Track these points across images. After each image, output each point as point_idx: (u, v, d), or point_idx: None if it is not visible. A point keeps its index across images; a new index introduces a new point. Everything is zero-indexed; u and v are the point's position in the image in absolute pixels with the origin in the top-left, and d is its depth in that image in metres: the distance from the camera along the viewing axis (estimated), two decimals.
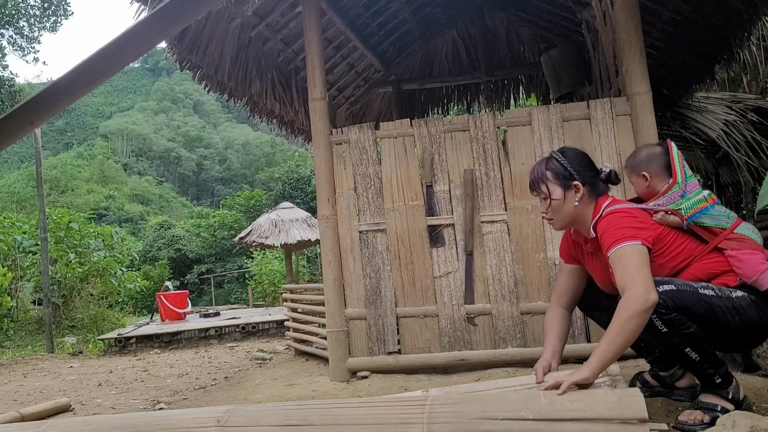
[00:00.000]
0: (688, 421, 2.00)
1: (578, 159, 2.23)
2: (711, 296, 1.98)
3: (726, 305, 1.97)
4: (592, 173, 2.21)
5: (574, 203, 2.17)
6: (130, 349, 8.50)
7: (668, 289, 1.95)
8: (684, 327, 1.94)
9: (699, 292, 1.98)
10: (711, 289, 2.00)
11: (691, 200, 2.13)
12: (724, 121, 5.51)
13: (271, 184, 33.93)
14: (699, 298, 1.96)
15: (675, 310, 1.93)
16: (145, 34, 1.18)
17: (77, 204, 35.53)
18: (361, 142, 3.93)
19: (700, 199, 2.13)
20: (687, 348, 1.98)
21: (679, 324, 1.94)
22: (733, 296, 2.00)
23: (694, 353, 1.99)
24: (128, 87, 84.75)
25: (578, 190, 2.16)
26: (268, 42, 4.88)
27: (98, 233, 13.45)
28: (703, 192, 2.18)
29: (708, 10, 4.25)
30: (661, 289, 1.94)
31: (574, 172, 2.18)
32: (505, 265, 3.67)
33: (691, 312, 1.95)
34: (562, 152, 2.25)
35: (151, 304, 14.23)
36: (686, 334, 1.95)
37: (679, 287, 1.98)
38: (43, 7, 21.39)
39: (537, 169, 2.26)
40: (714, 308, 1.96)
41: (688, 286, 2.00)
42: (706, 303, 1.96)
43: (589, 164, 2.24)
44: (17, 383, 5.74)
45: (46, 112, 1.21)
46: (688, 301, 1.94)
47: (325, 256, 3.90)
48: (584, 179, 2.18)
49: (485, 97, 7.25)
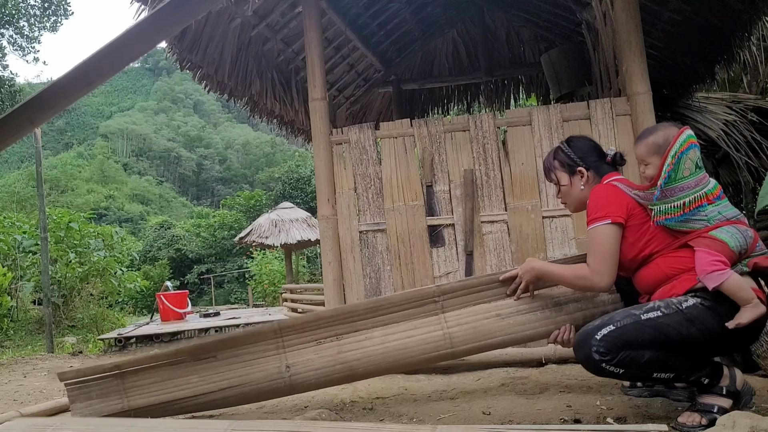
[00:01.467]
0: (687, 423, 2.02)
1: (582, 146, 2.41)
2: (656, 317, 2.01)
3: (675, 320, 1.99)
4: (596, 158, 2.38)
5: (580, 187, 2.37)
6: (130, 349, 8.50)
7: (607, 332, 2.01)
8: (638, 359, 1.99)
9: (641, 319, 2.01)
10: (657, 310, 2.02)
11: (669, 205, 2.10)
12: (724, 121, 5.52)
13: (271, 184, 33.95)
14: (642, 326, 2.00)
15: (620, 350, 1.99)
16: (145, 34, 1.18)
17: (77, 204, 35.53)
18: (361, 142, 3.93)
19: (676, 206, 2.09)
20: (654, 374, 2.03)
21: (632, 359, 1.99)
22: (683, 308, 2.01)
23: (664, 374, 2.03)
24: (128, 87, 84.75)
25: (582, 175, 2.36)
26: (268, 42, 4.88)
27: (98, 233, 13.44)
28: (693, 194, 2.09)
29: (708, 10, 4.25)
30: (599, 335, 2.01)
31: (578, 159, 2.37)
32: (505, 265, 3.67)
33: (637, 343, 1.99)
34: (569, 141, 2.46)
35: (151, 304, 14.24)
36: (644, 363, 2.00)
37: (617, 324, 2.02)
38: (43, 7, 21.40)
39: (547, 158, 2.49)
40: (662, 328, 1.99)
41: (630, 317, 2.03)
42: (652, 327, 1.99)
43: (593, 150, 2.41)
44: (17, 383, 5.73)
45: (46, 112, 1.21)
46: (630, 336, 1.99)
47: (325, 256, 3.90)
48: (588, 164, 2.36)
49: (485, 97, 7.26)
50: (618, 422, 2.21)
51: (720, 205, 2.13)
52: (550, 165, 2.47)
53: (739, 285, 1.97)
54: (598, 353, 1.99)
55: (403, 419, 2.63)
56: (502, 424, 2.37)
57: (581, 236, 3.58)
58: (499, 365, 3.57)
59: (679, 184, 2.11)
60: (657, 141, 2.19)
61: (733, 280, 1.97)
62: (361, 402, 3.02)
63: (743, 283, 1.98)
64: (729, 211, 2.12)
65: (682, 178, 2.11)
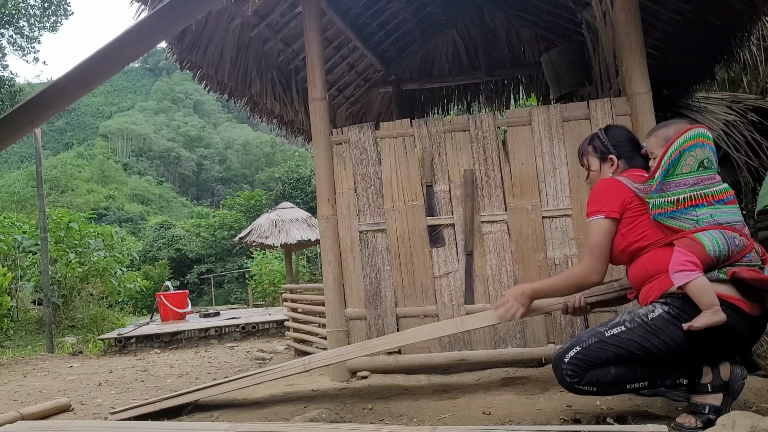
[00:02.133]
0: (684, 425, 2.05)
1: (618, 135, 2.48)
2: (619, 333, 2.07)
3: (638, 334, 2.05)
4: (630, 148, 2.42)
5: (609, 174, 2.41)
6: (130, 349, 8.50)
7: (573, 355, 2.09)
8: (605, 376, 2.06)
9: (605, 337, 2.08)
10: (621, 325, 2.09)
11: (663, 199, 2.11)
12: (724, 121, 5.52)
13: (271, 184, 33.96)
14: (605, 344, 2.07)
15: (586, 371, 2.07)
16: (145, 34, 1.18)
17: (77, 204, 35.52)
18: (361, 142, 3.93)
19: (670, 201, 2.10)
20: (627, 385, 2.09)
21: (599, 378, 2.07)
22: (648, 320, 2.06)
23: (636, 384, 2.08)
24: (128, 87, 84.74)
25: (613, 163, 2.41)
26: (268, 42, 4.88)
27: (98, 233, 13.44)
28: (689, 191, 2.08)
29: (708, 10, 4.25)
30: (567, 358, 2.09)
31: (611, 147, 2.43)
32: (505, 265, 3.67)
33: (601, 362, 2.06)
34: (606, 129, 2.53)
35: (151, 304, 14.23)
36: (612, 379, 2.06)
37: (583, 345, 2.10)
38: (43, 7, 21.39)
39: (583, 143, 2.57)
40: (624, 344, 2.05)
41: (595, 335, 2.10)
42: (614, 345, 2.06)
43: (629, 141, 2.46)
44: (17, 383, 5.74)
45: (46, 112, 1.21)
46: (594, 356, 2.07)
47: (325, 256, 3.90)
48: (620, 153, 2.41)
49: (485, 97, 7.26)
50: (618, 422, 2.21)
51: (718, 209, 2.08)
52: (584, 149, 2.54)
53: (701, 288, 1.97)
54: (568, 376, 2.08)
55: (403, 419, 2.63)
56: (502, 424, 2.37)
57: (581, 236, 3.58)
58: (499, 365, 3.57)
59: (676, 179, 2.11)
60: (667, 134, 2.20)
61: (697, 282, 1.97)
62: (361, 402, 3.02)
63: (707, 288, 1.98)
64: (725, 217, 2.07)
65: (681, 174, 2.10)
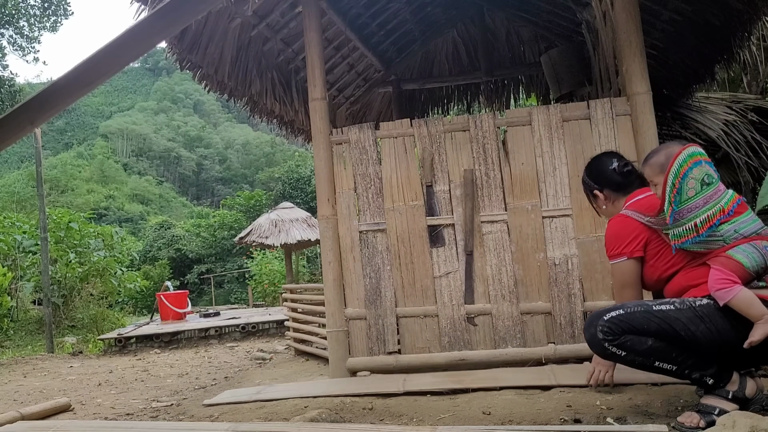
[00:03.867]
0: (685, 423, 2.03)
1: (593, 168, 2.57)
2: (667, 310, 2.08)
3: (686, 315, 2.06)
4: (610, 176, 2.50)
5: (603, 207, 2.53)
6: (130, 349, 8.49)
7: (614, 315, 2.12)
8: (640, 345, 2.08)
9: (652, 310, 2.10)
10: (671, 304, 2.10)
11: (682, 228, 2.11)
12: (724, 121, 5.52)
13: (271, 184, 33.93)
14: (651, 315, 2.08)
15: (624, 333, 2.09)
16: (145, 34, 1.18)
17: (77, 204, 35.52)
18: (361, 142, 3.93)
19: (689, 228, 2.08)
20: (656, 362, 2.09)
21: (633, 343, 2.09)
22: (696, 305, 2.07)
23: (667, 364, 2.09)
24: (128, 87, 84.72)
25: (598, 197, 2.53)
26: (268, 42, 4.88)
27: (98, 233, 13.44)
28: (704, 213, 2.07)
29: (708, 10, 4.25)
30: (607, 317, 2.12)
31: (592, 182, 2.55)
32: (505, 265, 3.67)
33: (642, 330, 2.08)
34: (588, 166, 2.61)
35: (151, 304, 14.23)
36: (646, 350, 2.08)
37: (627, 310, 2.12)
38: (43, 7, 21.39)
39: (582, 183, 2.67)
40: (670, 321, 2.06)
41: (641, 305, 2.12)
42: (660, 318, 2.07)
43: (608, 168, 2.52)
44: (17, 383, 5.74)
45: (46, 112, 1.21)
46: (636, 322, 2.08)
47: (325, 256, 3.90)
48: (602, 185, 2.51)
49: (485, 97, 7.25)
50: (618, 422, 2.21)
51: (737, 222, 2.08)
52: (584, 189, 2.65)
53: (747, 301, 1.97)
54: (602, 332, 2.10)
55: (403, 419, 2.63)
56: (502, 424, 2.37)
57: (581, 236, 3.59)
58: (498, 365, 3.57)
59: (686, 205, 2.11)
60: (659, 161, 2.24)
61: (740, 296, 1.98)
62: (361, 402, 3.02)
63: (753, 300, 1.97)
64: (747, 227, 2.09)
65: (688, 199, 2.10)
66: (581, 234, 3.59)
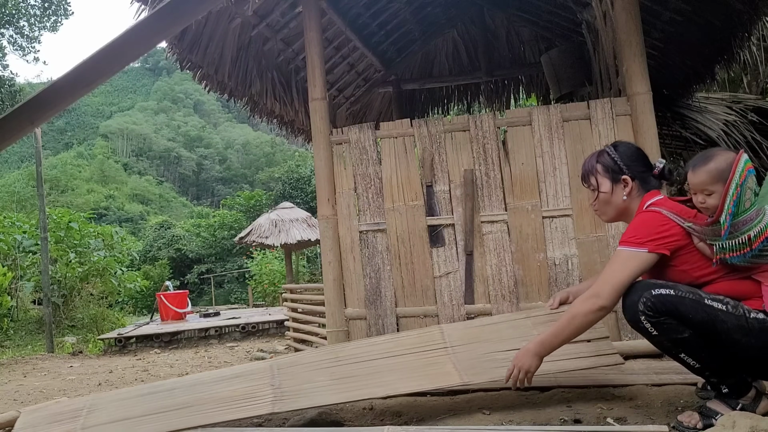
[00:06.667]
0: (683, 422, 2.01)
1: (630, 153, 2.27)
2: (717, 309, 1.91)
3: (733, 322, 1.89)
4: (643, 168, 2.24)
5: (623, 197, 2.22)
6: (130, 348, 8.50)
7: (663, 293, 1.94)
8: (676, 332, 1.94)
9: (704, 302, 1.93)
10: (723, 304, 1.92)
11: (735, 241, 1.92)
12: (725, 121, 5.52)
13: (271, 184, 33.95)
14: (700, 307, 1.92)
15: (665, 315, 1.93)
16: (145, 34, 1.18)
17: (77, 204, 35.55)
18: (361, 142, 3.93)
19: (743, 242, 1.90)
20: (682, 354, 1.98)
21: (670, 329, 1.94)
22: (750, 316, 1.89)
23: (692, 360, 1.98)
24: (128, 87, 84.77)
25: (627, 185, 2.22)
26: (268, 42, 4.88)
27: (98, 233, 13.45)
28: (756, 225, 1.90)
29: (708, 10, 4.25)
30: (656, 292, 1.95)
31: (624, 166, 2.23)
32: (505, 265, 3.67)
33: (685, 319, 1.92)
34: (615, 146, 2.30)
35: (151, 304, 14.23)
36: (679, 339, 1.95)
37: (679, 293, 1.94)
38: (43, 7, 21.40)
39: (588, 161, 2.33)
40: (716, 321, 1.90)
41: (694, 293, 1.95)
42: (707, 313, 1.91)
43: (641, 159, 2.27)
44: (17, 383, 5.74)
45: (46, 112, 1.21)
46: (683, 308, 1.92)
47: (325, 256, 3.90)
48: (634, 174, 2.22)
49: (485, 97, 7.25)
50: (618, 422, 2.21)
51: None
52: (591, 168, 2.30)
53: None
54: (645, 305, 1.94)
55: (403, 419, 2.63)
56: (502, 424, 2.37)
57: (581, 236, 3.58)
58: None
59: (742, 217, 1.93)
60: (719, 167, 1.98)
61: None
62: (361, 402, 3.01)
63: None
64: None
65: (745, 210, 1.93)
66: (581, 234, 3.58)
